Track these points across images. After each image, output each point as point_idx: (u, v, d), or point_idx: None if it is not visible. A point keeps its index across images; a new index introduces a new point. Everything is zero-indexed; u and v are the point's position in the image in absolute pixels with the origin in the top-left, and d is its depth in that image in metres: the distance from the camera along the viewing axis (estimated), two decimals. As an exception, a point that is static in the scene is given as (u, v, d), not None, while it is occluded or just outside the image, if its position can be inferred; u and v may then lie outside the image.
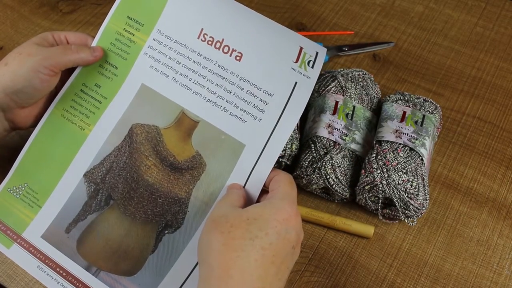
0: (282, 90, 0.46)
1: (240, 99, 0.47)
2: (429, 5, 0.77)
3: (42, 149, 0.50)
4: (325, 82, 0.60)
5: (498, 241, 0.54)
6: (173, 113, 0.48)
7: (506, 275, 0.52)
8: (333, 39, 0.72)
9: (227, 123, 0.46)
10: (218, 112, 0.47)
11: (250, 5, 0.76)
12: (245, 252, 0.38)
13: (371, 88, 0.60)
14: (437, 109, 0.57)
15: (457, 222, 0.55)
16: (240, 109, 0.46)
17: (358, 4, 0.77)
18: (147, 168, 0.47)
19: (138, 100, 0.49)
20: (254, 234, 0.39)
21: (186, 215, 0.46)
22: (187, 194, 0.46)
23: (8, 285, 0.51)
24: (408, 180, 0.50)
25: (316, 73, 0.47)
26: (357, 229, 0.53)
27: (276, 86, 0.46)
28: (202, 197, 0.46)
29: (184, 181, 0.46)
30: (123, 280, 0.46)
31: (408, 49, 0.71)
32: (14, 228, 0.50)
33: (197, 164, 0.46)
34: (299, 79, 0.46)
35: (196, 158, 0.46)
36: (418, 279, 0.51)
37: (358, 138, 0.56)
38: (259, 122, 0.46)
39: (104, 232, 0.47)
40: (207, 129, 0.47)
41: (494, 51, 0.71)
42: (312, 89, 0.46)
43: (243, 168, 0.45)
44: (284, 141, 0.46)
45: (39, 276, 0.49)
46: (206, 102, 0.47)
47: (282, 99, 0.46)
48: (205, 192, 0.46)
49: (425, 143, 0.53)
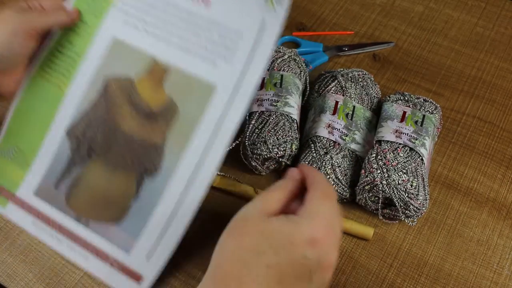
0: (250, 28, 0.46)
1: (209, 41, 0.47)
2: (429, 5, 0.77)
3: (26, 110, 0.53)
4: (325, 82, 0.60)
5: (498, 241, 0.54)
6: (145, 63, 0.49)
7: (506, 275, 0.52)
8: (333, 39, 0.72)
9: (197, 67, 0.47)
10: (188, 58, 0.48)
11: (250, 5, 0.76)
12: (248, 266, 0.36)
13: (371, 88, 0.60)
14: (437, 109, 0.57)
15: (457, 222, 0.55)
16: (210, 52, 0.47)
17: (358, 4, 0.77)
18: (123, 119, 0.49)
19: (110, 54, 0.50)
20: (262, 250, 0.36)
21: (162, 159, 0.47)
22: (162, 140, 0.47)
23: (8, 285, 0.51)
24: (408, 180, 0.50)
25: (283, 9, 0.45)
26: (357, 231, 0.53)
27: (244, 25, 0.46)
28: (176, 141, 0.47)
29: (159, 127, 0.47)
30: (112, 228, 0.48)
31: (408, 49, 0.71)
32: (8, 188, 0.53)
33: (170, 110, 0.48)
34: (266, 15, 0.46)
35: (169, 103, 0.48)
36: (418, 279, 0.51)
37: (358, 138, 0.56)
38: (229, 63, 0.46)
39: (89, 183, 0.49)
40: (178, 74, 0.48)
41: (494, 51, 0.71)
42: (280, 25, 0.45)
43: (215, 110, 0.46)
44: (256, 80, 0.45)
45: (35, 231, 0.51)
46: (176, 49, 0.48)
47: (250, 37, 0.46)
48: (179, 136, 0.47)
49: (425, 143, 0.53)
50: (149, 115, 0.48)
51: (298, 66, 0.60)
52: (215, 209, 0.56)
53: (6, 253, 0.53)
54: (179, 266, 0.52)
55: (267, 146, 0.53)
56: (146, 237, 0.46)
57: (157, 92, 0.48)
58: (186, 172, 0.46)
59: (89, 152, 0.49)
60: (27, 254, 0.53)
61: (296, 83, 0.58)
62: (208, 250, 0.53)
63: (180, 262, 0.52)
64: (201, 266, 0.52)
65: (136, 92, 0.49)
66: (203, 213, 0.55)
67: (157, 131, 0.47)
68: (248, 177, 0.58)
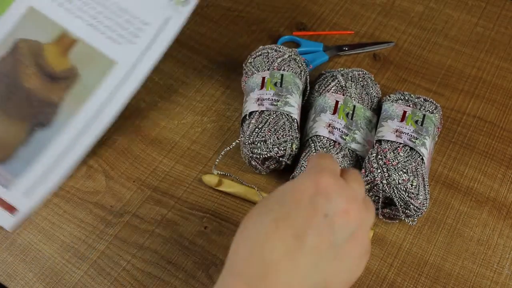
0: (156, 20, 0.55)
1: (117, 25, 0.56)
2: (429, 5, 0.77)
3: None
4: (325, 81, 0.60)
5: (498, 240, 0.54)
6: (55, 32, 0.57)
7: (506, 275, 0.52)
8: (333, 39, 0.72)
9: (103, 44, 0.55)
10: (97, 35, 0.56)
11: (251, 5, 0.76)
12: (256, 228, 0.35)
13: (371, 87, 0.60)
14: (437, 108, 0.57)
15: (458, 222, 0.55)
16: (116, 34, 0.55)
17: (358, 4, 0.77)
18: (27, 77, 0.56)
19: (25, 19, 0.57)
20: (269, 208, 0.35)
21: (56, 116, 0.54)
22: (59, 99, 0.55)
23: (8, 284, 0.51)
24: (409, 179, 0.50)
25: (188, 11, 0.54)
26: None
27: (151, 17, 0.55)
28: (72, 102, 0.55)
29: (58, 88, 0.55)
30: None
31: (408, 49, 0.71)
32: None
33: (71, 75, 0.55)
34: (172, 12, 0.55)
35: (72, 70, 0.56)
36: (419, 279, 0.51)
37: (359, 138, 0.56)
38: (132, 45, 0.55)
39: None
40: (84, 48, 0.56)
41: (494, 51, 0.71)
42: (183, 22, 0.55)
43: (112, 81, 0.55)
44: (152, 63, 0.54)
45: None
46: (87, 26, 0.56)
47: (154, 27, 0.55)
48: (75, 98, 0.55)
49: (426, 143, 0.53)
50: (51, 76, 0.55)
51: (299, 65, 0.60)
52: (215, 209, 0.56)
53: (6, 253, 0.53)
54: (179, 265, 0.52)
55: (267, 145, 0.53)
56: (26, 178, 0.53)
57: (62, 59, 0.56)
58: (74, 130, 0.54)
59: None
60: (27, 253, 0.53)
61: (296, 82, 0.58)
62: (208, 250, 0.53)
63: (180, 261, 0.52)
64: (201, 265, 0.52)
65: (42, 55, 0.56)
66: (203, 212, 0.56)
67: (56, 91, 0.55)
68: (248, 177, 0.58)
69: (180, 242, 0.54)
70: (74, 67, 0.56)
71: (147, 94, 0.65)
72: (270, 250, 0.34)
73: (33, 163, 0.53)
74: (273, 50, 0.60)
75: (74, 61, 0.56)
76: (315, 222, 0.34)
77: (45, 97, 0.55)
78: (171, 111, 0.64)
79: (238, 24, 0.74)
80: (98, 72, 0.55)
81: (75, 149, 0.53)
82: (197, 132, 0.62)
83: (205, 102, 0.65)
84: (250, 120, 0.56)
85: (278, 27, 0.73)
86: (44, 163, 0.53)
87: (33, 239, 0.54)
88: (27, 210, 0.51)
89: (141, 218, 0.55)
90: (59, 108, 0.55)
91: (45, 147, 0.53)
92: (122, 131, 0.62)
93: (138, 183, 0.58)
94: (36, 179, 0.52)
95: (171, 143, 0.61)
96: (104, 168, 0.59)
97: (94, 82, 0.55)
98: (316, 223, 0.34)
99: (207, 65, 0.69)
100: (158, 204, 0.56)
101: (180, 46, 0.71)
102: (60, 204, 0.56)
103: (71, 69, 0.55)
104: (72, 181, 0.58)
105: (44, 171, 0.53)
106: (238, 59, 0.69)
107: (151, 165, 0.59)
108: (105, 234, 0.54)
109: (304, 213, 0.34)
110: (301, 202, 0.35)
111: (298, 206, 0.35)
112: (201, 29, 0.73)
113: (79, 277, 0.51)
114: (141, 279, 0.51)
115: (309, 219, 0.34)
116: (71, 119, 0.54)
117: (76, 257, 0.52)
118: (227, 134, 0.62)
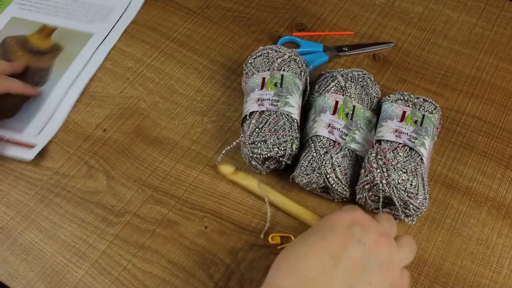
0: (120, 5, 0.75)
1: (89, 14, 0.74)
2: (429, 6, 0.77)
3: None
4: (325, 82, 0.60)
5: (497, 240, 0.54)
6: (36, 27, 0.73)
7: (505, 274, 0.52)
8: (333, 39, 0.72)
9: (79, 25, 0.73)
10: (72, 22, 0.73)
11: (251, 5, 0.76)
12: (295, 249, 0.39)
13: (371, 88, 0.60)
14: (437, 109, 0.58)
15: (457, 222, 0.55)
16: (89, 19, 0.73)
17: (358, 4, 0.77)
18: (17, 58, 0.69)
19: (9, 25, 0.73)
20: (307, 234, 0.41)
21: (49, 75, 0.68)
22: (50, 65, 0.69)
23: (10, 284, 0.51)
24: (408, 179, 0.51)
25: None
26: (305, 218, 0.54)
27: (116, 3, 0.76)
28: (61, 65, 0.69)
29: (47, 58, 0.69)
30: (5, 121, 0.63)
31: (407, 49, 0.71)
32: None
33: (56, 49, 0.70)
34: None
35: (55, 46, 0.71)
36: (418, 278, 0.52)
37: (358, 138, 0.56)
38: (103, 23, 0.73)
39: None
40: (64, 31, 0.72)
41: (494, 51, 0.71)
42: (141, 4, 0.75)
43: (90, 48, 0.70)
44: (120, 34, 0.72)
45: None
46: (63, 18, 0.74)
47: (120, 11, 0.75)
48: (63, 62, 0.69)
49: (425, 143, 0.54)
50: (38, 53, 0.70)
51: (299, 66, 0.60)
52: (215, 209, 0.56)
53: (8, 252, 0.53)
54: (180, 265, 0.52)
55: (267, 145, 0.53)
56: (35, 122, 0.63)
57: (45, 41, 0.71)
58: (67, 82, 0.67)
59: None
60: (28, 253, 0.53)
61: (296, 83, 0.58)
62: (209, 250, 0.54)
63: (180, 261, 0.52)
64: (202, 265, 0.52)
65: (28, 42, 0.71)
66: (204, 212, 0.56)
67: (45, 61, 0.69)
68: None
69: (180, 241, 0.54)
70: (57, 43, 0.71)
71: (148, 95, 0.66)
72: (309, 268, 0.38)
73: (37, 111, 0.64)
74: (273, 50, 0.60)
75: (56, 39, 0.71)
76: (350, 246, 0.39)
77: (36, 66, 0.68)
78: (171, 111, 0.64)
79: (238, 25, 0.74)
80: (78, 43, 0.71)
81: (70, 94, 0.66)
82: (197, 132, 0.62)
83: (205, 102, 0.65)
84: (250, 120, 0.56)
85: (278, 28, 0.73)
86: (47, 109, 0.64)
87: (34, 238, 0.54)
88: (42, 144, 0.61)
89: (142, 218, 0.55)
90: (51, 70, 0.68)
91: (45, 98, 0.65)
92: (123, 131, 0.62)
93: (139, 183, 0.58)
94: (45, 121, 0.63)
95: (171, 143, 0.61)
96: (105, 168, 0.59)
97: (76, 50, 0.70)
98: (351, 246, 0.39)
99: (208, 65, 0.69)
100: (158, 204, 0.56)
101: (181, 46, 0.71)
102: (61, 203, 0.56)
103: (55, 45, 0.71)
104: (73, 181, 0.58)
105: (48, 114, 0.64)
106: (238, 60, 0.69)
107: (152, 165, 0.59)
108: (106, 234, 0.54)
109: (340, 237, 0.39)
110: (338, 228, 0.40)
111: (335, 231, 0.40)
112: (201, 29, 0.73)
113: (80, 277, 0.51)
114: (142, 279, 0.51)
115: (345, 242, 0.39)
116: (62, 75, 0.68)
117: (77, 257, 0.53)
118: (228, 134, 0.62)
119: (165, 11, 0.75)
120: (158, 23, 0.74)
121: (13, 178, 0.58)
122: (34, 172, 0.59)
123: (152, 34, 0.73)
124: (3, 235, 0.54)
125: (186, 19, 0.74)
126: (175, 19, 0.74)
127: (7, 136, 0.62)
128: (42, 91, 0.66)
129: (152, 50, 0.71)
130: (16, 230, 0.54)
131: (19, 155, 0.60)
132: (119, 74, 0.68)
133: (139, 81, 0.67)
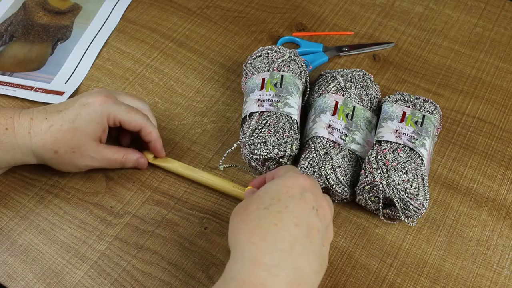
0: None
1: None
2: (429, 6, 0.77)
3: None
4: (325, 82, 0.60)
5: (498, 241, 0.54)
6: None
7: (506, 275, 0.52)
8: (333, 39, 0.72)
9: None
10: None
11: (250, 5, 0.76)
12: (262, 220, 0.41)
13: (371, 88, 0.60)
14: (437, 109, 0.58)
15: (457, 222, 0.55)
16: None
17: (358, 4, 0.77)
18: (39, 17, 0.75)
19: None
20: (267, 203, 0.42)
21: (71, 32, 0.74)
22: (71, 22, 0.75)
23: (9, 285, 0.51)
24: (408, 180, 0.50)
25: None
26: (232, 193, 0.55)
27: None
28: (81, 22, 0.75)
29: (67, 17, 0.76)
30: (33, 73, 0.69)
31: (408, 50, 0.71)
32: None
33: (75, 8, 0.77)
34: None
35: (74, 5, 0.77)
36: (418, 279, 0.51)
37: (358, 138, 0.56)
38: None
39: (10, 54, 0.71)
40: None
41: (494, 52, 0.71)
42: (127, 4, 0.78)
43: (106, 7, 0.76)
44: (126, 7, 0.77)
45: None
46: None
47: None
48: (83, 19, 0.75)
49: (425, 143, 0.53)
50: (58, 12, 0.76)
51: (298, 66, 0.60)
52: (215, 210, 0.56)
53: (7, 253, 0.53)
54: (180, 266, 0.52)
55: (267, 146, 0.53)
56: (62, 73, 0.69)
57: (65, 1, 0.78)
58: (88, 38, 0.73)
59: (11, 38, 0.73)
60: (27, 254, 0.53)
61: (296, 83, 0.58)
62: (208, 251, 0.53)
63: (180, 262, 0.52)
64: (201, 266, 0.52)
65: (48, 3, 0.77)
66: (203, 213, 0.56)
67: (65, 19, 0.75)
68: (248, 178, 0.58)
69: (180, 242, 0.54)
70: (76, 3, 0.77)
71: (147, 95, 0.66)
72: (283, 240, 0.40)
73: (63, 63, 0.70)
74: (273, 51, 0.60)
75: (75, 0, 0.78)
76: (308, 213, 0.42)
77: (58, 25, 0.74)
78: (171, 112, 0.64)
79: (238, 25, 0.74)
80: (96, 2, 0.77)
81: (92, 47, 0.71)
82: (197, 133, 0.62)
83: (205, 103, 0.65)
84: (250, 121, 0.56)
85: (278, 28, 0.73)
86: (72, 61, 0.70)
87: (34, 239, 0.54)
88: (71, 91, 0.66)
89: (141, 219, 0.55)
90: (72, 27, 0.74)
91: (69, 51, 0.71)
92: (122, 131, 0.62)
93: (138, 183, 0.58)
94: (71, 71, 0.69)
95: (171, 144, 0.61)
96: (104, 169, 0.59)
97: (94, 8, 0.77)
98: (309, 214, 0.42)
99: (207, 65, 0.69)
100: (158, 205, 0.56)
101: (180, 46, 0.71)
102: (61, 205, 0.56)
103: (74, 5, 0.77)
104: (73, 181, 0.58)
105: (73, 66, 0.69)
106: (238, 60, 0.69)
107: (151, 166, 0.59)
108: (106, 235, 0.54)
109: (298, 206, 0.42)
110: (294, 196, 0.42)
111: (293, 199, 0.42)
112: (200, 29, 0.73)
113: (80, 278, 0.51)
114: (141, 280, 0.51)
115: (303, 210, 0.42)
116: (84, 32, 0.74)
117: (77, 258, 0.53)
118: (227, 135, 0.62)
119: (165, 11, 0.75)
120: (158, 23, 0.74)
121: (12, 179, 0.58)
122: (33, 173, 0.59)
123: (152, 34, 0.72)
124: (2, 236, 0.54)
125: (186, 19, 0.74)
126: (175, 19, 0.74)
127: (35, 86, 0.67)
128: (66, 46, 0.72)
129: (151, 51, 0.70)
130: (15, 231, 0.54)
131: (51, 101, 0.65)
132: (118, 74, 0.68)
133: (138, 81, 0.67)
